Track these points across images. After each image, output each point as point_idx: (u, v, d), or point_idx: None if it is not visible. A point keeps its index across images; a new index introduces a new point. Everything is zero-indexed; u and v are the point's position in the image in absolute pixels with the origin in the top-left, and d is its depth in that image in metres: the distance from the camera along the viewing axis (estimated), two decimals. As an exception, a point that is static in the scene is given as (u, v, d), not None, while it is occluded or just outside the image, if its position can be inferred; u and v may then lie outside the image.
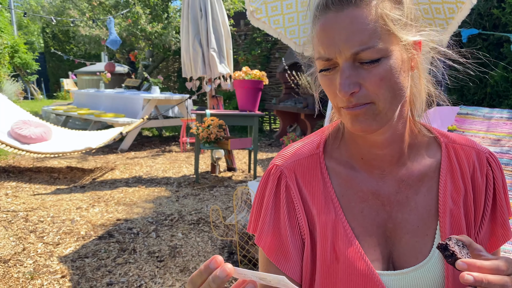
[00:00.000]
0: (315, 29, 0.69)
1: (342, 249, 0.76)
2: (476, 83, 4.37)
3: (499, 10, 4.15)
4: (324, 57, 0.68)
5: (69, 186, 4.42)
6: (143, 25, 8.38)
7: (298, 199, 0.79)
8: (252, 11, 3.46)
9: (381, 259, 0.77)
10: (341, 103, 0.70)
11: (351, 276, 0.75)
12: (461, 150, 0.82)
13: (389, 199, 0.79)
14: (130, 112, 6.88)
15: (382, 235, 0.78)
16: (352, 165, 0.81)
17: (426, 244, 0.77)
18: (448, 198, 0.78)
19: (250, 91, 4.60)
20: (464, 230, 0.78)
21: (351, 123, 0.71)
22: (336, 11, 0.66)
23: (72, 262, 2.64)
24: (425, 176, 0.80)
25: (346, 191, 0.80)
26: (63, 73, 17.95)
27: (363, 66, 0.66)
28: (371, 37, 0.65)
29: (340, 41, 0.65)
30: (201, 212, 3.57)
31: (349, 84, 0.66)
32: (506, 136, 2.58)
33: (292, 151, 0.84)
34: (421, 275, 0.75)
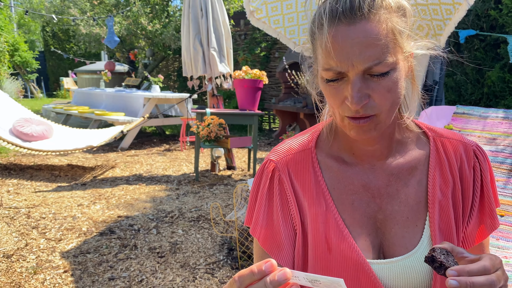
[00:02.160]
0: (323, 38, 0.69)
1: (334, 240, 0.79)
2: (474, 83, 4.42)
3: (496, 11, 4.19)
4: (335, 70, 0.69)
5: (70, 183, 4.46)
6: (143, 24, 8.42)
7: (290, 191, 0.83)
8: (252, 11, 3.50)
9: (371, 249, 0.80)
10: (347, 113, 0.72)
11: (343, 266, 0.78)
12: (449, 143, 0.85)
13: (379, 192, 0.82)
14: (131, 110, 6.91)
15: (372, 226, 0.82)
16: (343, 160, 0.84)
17: (415, 235, 0.81)
18: (437, 190, 0.82)
19: (250, 90, 4.64)
20: (452, 221, 0.82)
21: (354, 132, 0.74)
22: (347, 23, 0.67)
23: (74, 257, 2.68)
24: (414, 169, 0.84)
25: (337, 184, 0.83)
26: (63, 72, 17.97)
27: (372, 79, 0.69)
28: (383, 52, 0.67)
29: (354, 56, 0.67)
30: (201, 210, 3.61)
31: (360, 97, 0.69)
32: (501, 135, 2.62)
33: (286, 146, 0.88)
34: (410, 264, 0.78)
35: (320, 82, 0.76)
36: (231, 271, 2.53)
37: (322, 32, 0.69)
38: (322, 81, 0.74)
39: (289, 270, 0.56)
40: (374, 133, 0.74)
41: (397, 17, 0.70)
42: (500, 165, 2.49)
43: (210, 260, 2.67)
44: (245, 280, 0.57)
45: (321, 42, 0.70)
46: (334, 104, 0.74)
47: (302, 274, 0.56)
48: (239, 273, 0.59)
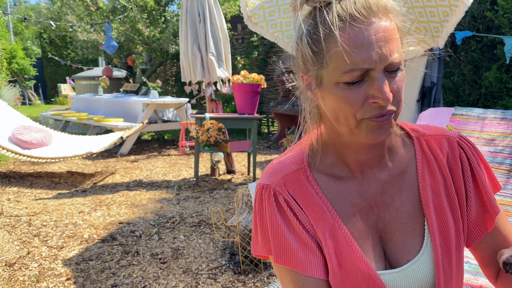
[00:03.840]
0: (342, 39, 0.68)
1: (344, 254, 0.78)
2: (471, 84, 4.45)
3: (492, 12, 4.22)
4: (361, 68, 0.68)
5: (71, 190, 4.46)
6: (141, 29, 8.44)
7: (299, 209, 0.81)
8: (249, 15, 3.52)
9: (378, 259, 0.80)
10: (370, 113, 0.71)
11: (354, 280, 0.77)
12: (433, 140, 0.85)
13: (376, 201, 0.82)
14: (129, 116, 6.92)
15: (375, 236, 0.82)
16: (337, 174, 0.83)
17: (416, 239, 0.81)
18: (428, 190, 0.82)
19: (248, 95, 4.66)
20: (449, 218, 0.82)
21: (374, 134, 0.72)
22: (365, 22, 0.68)
23: (76, 264, 2.68)
24: (405, 173, 0.84)
25: (337, 197, 0.82)
26: (60, 79, 17.97)
27: (390, 75, 0.70)
28: (399, 46, 0.70)
29: (379, 49, 0.67)
30: (202, 215, 3.62)
31: (389, 92, 0.69)
32: (500, 136, 2.64)
33: (277, 168, 0.85)
34: (417, 269, 0.79)
35: (330, 90, 0.73)
36: (233, 276, 2.53)
37: (343, 33, 0.68)
38: (336, 86, 0.71)
39: None
40: (390, 132, 0.73)
41: (399, 15, 0.73)
42: (499, 165, 2.50)
43: (212, 265, 2.67)
44: None
45: (339, 44, 0.68)
46: (350, 108, 0.71)
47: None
48: None
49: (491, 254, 0.85)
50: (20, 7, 23.13)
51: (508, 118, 2.74)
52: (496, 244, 0.85)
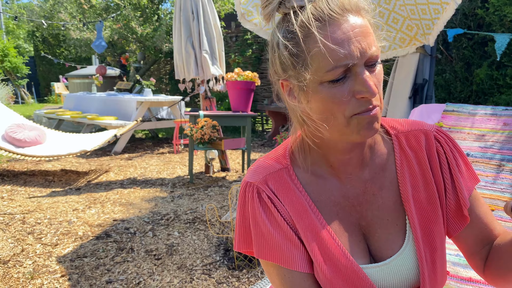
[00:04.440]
0: (320, 40, 0.69)
1: (327, 251, 0.80)
2: (463, 81, 4.49)
3: (483, 10, 4.26)
4: (345, 64, 0.69)
5: (65, 188, 4.45)
6: (134, 27, 8.42)
7: (281, 206, 0.82)
8: (243, 13, 3.53)
9: (362, 256, 0.82)
10: (358, 108, 0.72)
11: (339, 274, 0.79)
12: (411, 136, 0.87)
13: (358, 200, 0.84)
14: (123, 114, 6.91)
15: (358, 233, 0.83)
16: (320, 174, 0.85)
17: (398, 234, 0.83)
18: (407, 186, 0.83)
19: (242, 92, 4.67)
20: (430, 212, 0.83)
21: (365, 129, 0.73)
22: (341, 20, 0.69)
23: (71, 261, 2.69)
24: (385, 171, 0.85)
25: (320, 196, 0.84)
26: (53, 77, 17.86)
27: (370, 69, 0.72)
28: (375, 40, 0.72)
29: (359, 44, 0.69)
30: (196, 212, 3.63)
31: (374, 85, 0.70)
32: (490, 132, 2.68)
33: (261, 166, 0.87)
34: (400, 262, 0.81)
35: (315, 91, 0.73)
36: (227, 271, 2.55)
37: (320, 33, 0.69)
38: (321, 86, 0.72)
39: None
40: (378, 128, 0.75)
41: (370, 14, 0.75)
42: (489, 160, 2.54)
43: (206, 261, 2.69)
44: None
45: (319, 44, 0.69)
46: (338, 106, 0.72)
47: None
48: None
49: (474, 243, 0.87)
50: (12, 6, 22.96)
51: (498, 114, 2.78)
52: (478, 233, 0.86)
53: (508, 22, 4.10)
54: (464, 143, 2.69)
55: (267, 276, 0.87)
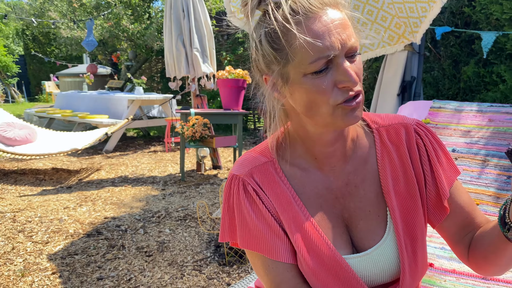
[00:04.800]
0: (301, 33, 0.71)
1: (311, 242, 0.83)
2: (450, 78, 4.55)
3: (470, 8, 4.32)
4: (326, 55, 0.71)
5: (56, 187, 4.45)
6: (125, 26, 8.39)
7: (266, 199, 0.85)
8: (233, 11, 3.55)
9: (345, 246, 0.85)
10: (341, 97, 0.74)
11: (322, 264, 0.82)
12: (392, 130, 0.90)
13: (341, 192, 0.87)
14: (114, 113, 6.90)
15: (341, 224, 0.86)
16: (304, 167, 0.87)
17: (380, 225, 0.86)
18: (388, 179, 0.86)
19: (233, 90, 4.69)
20: (411, 204, 0.86)
21: (349, 117, 0.75)
22: (320, 13, 0.72)
23: (62, 259, 2.69)
24: (367, 164, 0.88)
25: (304, 189, 0.86)
26: (44, 76, 17.73)
27: (350, 59, 0.74)
28: (353, 32, 0.75)
29: (339, 35, 0.71)
30: (187, 209, 3.65)
31: (355, 73, 0.73)
32: (475, 128, 2.72)
33: (247, 159, 0.89)
34: (381, 253, 0.84)
35: (299, 83, 0.76)
36: (218, 267, 2.58)
37: (301, 26, 0.71)
38: (305, 78, 0.74)
39: None
40: (361, 115, 0.77)
41: (347, 9, 0.78)
42: (474, 156, 2.58)
43: (197, 257, 2.71)
44: None
45: (301, 35, 0.71)
46: (322, 97, 0.74)
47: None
48: None
49: (457, 232, 0.89)
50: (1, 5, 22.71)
51: (483, 111, 2.83)
52: (460, 222, 0.88)
53: (494, 20, 4.16)
54: (450, 139, 2.74)
55: (252, 267, 0.90)
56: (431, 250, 1.93)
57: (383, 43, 3.55)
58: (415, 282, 0.87)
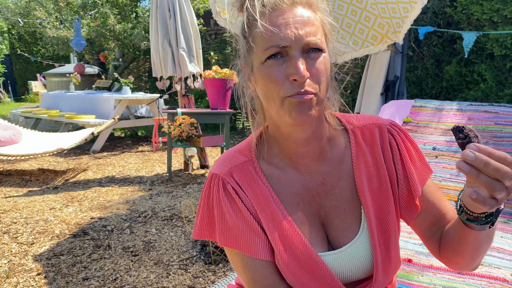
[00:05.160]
0: (265, 19, 0.76)
1: (288, 240, 0.85)
2: (433, 77, 4.61)
3: (452, 9, 4.40)
4: (279, 45, 0.75)
5: (42, 187, 4.42)
6: (112, 25, 8.34)
7: (245, 197, 0.88)
8: (218, 11, 3.57)
9: (321, 244, 0.88)
10: (290, 91, 0.76)
11: (298, 262, 0.85)
12: (366, 130, 0.93)
13: (317, 191, 0.90)
14: (101, 113, 6.86)
15: (318, 222, 0.89)
16: (281, 166, 0.90)
17: (354, 223, 0.89)
18: (363, 178, 0.89)
19: (220, 90, 4.70)
20: (384, 202, 0.89)
21: (296, 112, 0.77)
22: (287, 9, 0.77)
23: (47, 260, 2.70)
24: (342, 163, 0.91)
25: (281, 188, 0.89)
26: (31, 75, 17.50)
27: (310, 56, 0.77)
28: (318, 31, 0.79)
29: (295, 30, 0.75)
30: (174, 209, 3.67)
31: (304, 69, 0.75)
32: (455, 126, 2.79)
33: (227, 158, 0.92)
34: (355, 250, 0.87)
35: (258, 71, 0.80)
36: (204, 266, 2.60)
37: (264, 17, 0.77)
38: (262, 66, 0.78)
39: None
40: (313, 115, 0.78)
41: (326, 15, 0.82)
42: (454, 154, 2.64)
43: (183, 257, 2.73)
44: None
45: (261, 25, 0.76)
46: (274, 85, 0.77)
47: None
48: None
49: (429, 228, 0.92)
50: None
51: (463, 109, 2.89)
52: (432, 218, 0.91)
53: (475, 21, 4.24)
54: (431, 138, 2.80)
55: (232, 264, 0.92)
56: (411, 246, 1.98)
57: (366, 43, 3.60)
58: (388, 278, 0.90)
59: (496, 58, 4.25)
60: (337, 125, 0.93)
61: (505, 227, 2.10)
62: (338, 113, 0.95)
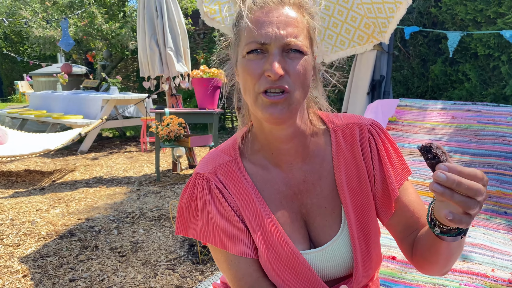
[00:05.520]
0: (250, 16, 0.79)
1: (271, 238, 0.87)
2: (419, 77, 4.67)
3: (437, 9, 4.45)
4: (259, 41, 0.78)
5: (28, 189, 4.38)
6: (99, 25, 8.28)
7: (229, 196, 0.89)
8: (206, 11, 3.57)
9: (303, 242, 0.89)
10: (264, 86, 0.78)
11: (280, 260, 0.86)
12: (347, 129, 0.94)
13: (299, 188, 0.91)
14: (89, 113, 6.81)
15: (300, 220, 0.90)
16: (264, 164, 0.92)
17: (335, 221, 0.90)
18: (342, 176, 0.91)
19: (208, 89, 4.70)
20: (364, 200, 0.91)
21: (268, 109, 0.79)
22: (273, 8, 0.80)
23: (33, 261, 2.68)
24: (323, 162, 0.92)
25: (265, 186, 0.91)
26: (17, 75, 17.28)
27: (289, 56, 0.79)
28: (300, 33, 0.80)
29: (277, 29, 0.78)
30: (162, 209, 3.66)
31: (279, 67, 0.76)
32: (439, 125, 2.83)
33: (211, 157, 0.94)
34: (336, 248, 0.88)
35: (240, 64, 0.83)
36: (191, 265, 2.61)
37: (250, 12, 0.80)
38: (243, 59, 0.81)
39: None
40: (287, 113, 0.80)
41: (312, 19, 0.84)
42: (438, 152, 2.68)
43: (171, 257, 2.73)
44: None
45: (246, 20, 0.79)
46: (251, 79, 0.79)
47: None
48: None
49: (402, 230, 0.92)
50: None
51: (447, 109, 2.94)
52: (406, 220, 0.91)
53: (459, 21, 4.30)
54: (416, 136, 2.83)
55: (216, 262, 0.93)
56: (395, 244, 2.00)
57: (353, 43, 3.63)
58: (369, 275, 0.91)
59: (480, 58, 4.31)
60: (319, 124, 0.94)
61: (487, 224, 2.14)
62: (321, 112, 0.97)
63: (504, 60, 4.08)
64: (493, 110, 2.73)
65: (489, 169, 2.44)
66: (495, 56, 4.18)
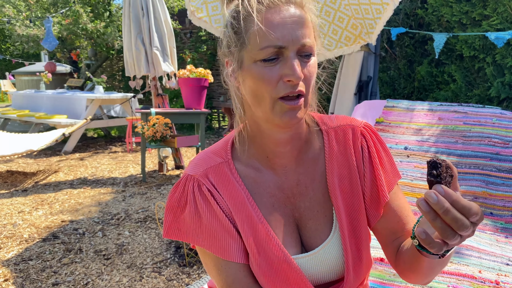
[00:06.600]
0: (261, 17, 0.75)
1: (263, 242, 0.84)
2: (406, 78, 4.70)
3: (423, 10, 4.49)
4: (275, 45, 0.74)
5: (10, 190, 4.29)
6: (84, 23, 8.15)
7: (221, 199, 0.86)
8: (192, 10, 3.53)
9: (294, 245, 0.87)
10: (283, 92, 0.75)
11: (271, 264, 0.84)
12: (340, 131, 0.92)
13: (292, 192, 0.89)
14: (73, 113, 6.70)
15: (292, 224, 0.88)
16: (257, 167, 0.89)
17: (327, 225, 0.88)
18: (334, 179, 0.89)
19: (195, 89, 4.66)
20: (356, 203, 0.89)
21: (288, 115, 0.77)
22: (282, 7, 0.76)
23: (15, 265, 2.61)
24: (316, 164, 0.91)
25: (257, 189, 0.88)
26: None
27: (302, 59, 0.77)
28: (312, 34, 0.78)
29: (293, 31, 0.75)
30: (148, 210, 3.61)
31: (300, 71, 0.74)
32: (426, 126, 2.84)
33: (202, 160, 0.90)
34: (327, 251, 0.86)
35: (249, 70, 0.78)
36: (178, 268, 2.57)
37: (261, 14, 0.75)
38: (255, 65, 0.77)
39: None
40: (302, 116, 0.79)
41: (314, 16, 0.81)
42: (425, 153, 2.69)
43: (157, 259, 2.69)
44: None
45: (258, 22, 0.75)
46: (267, 86, 0.76)
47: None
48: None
49: (388, 234, 0.91)
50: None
51: (433, 110, 2.95)
52: (392, 226, 0.90)
53: (445, 22, 4.34)
54: (402, 137, 2.84)
55: (205, 267, 0.90)
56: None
57: (340, 43, 3.63)
58: (359, 279, 0.90)
59: (465, 59, 4.36)
60: (314, 126, 0.93)
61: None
62: (314, 114, 0.95)
63: (489, 62, 4.13)
64: (479, 111, 2.75)
65: (475, 170, 2.46)
66: (480, 58, 4.23)
